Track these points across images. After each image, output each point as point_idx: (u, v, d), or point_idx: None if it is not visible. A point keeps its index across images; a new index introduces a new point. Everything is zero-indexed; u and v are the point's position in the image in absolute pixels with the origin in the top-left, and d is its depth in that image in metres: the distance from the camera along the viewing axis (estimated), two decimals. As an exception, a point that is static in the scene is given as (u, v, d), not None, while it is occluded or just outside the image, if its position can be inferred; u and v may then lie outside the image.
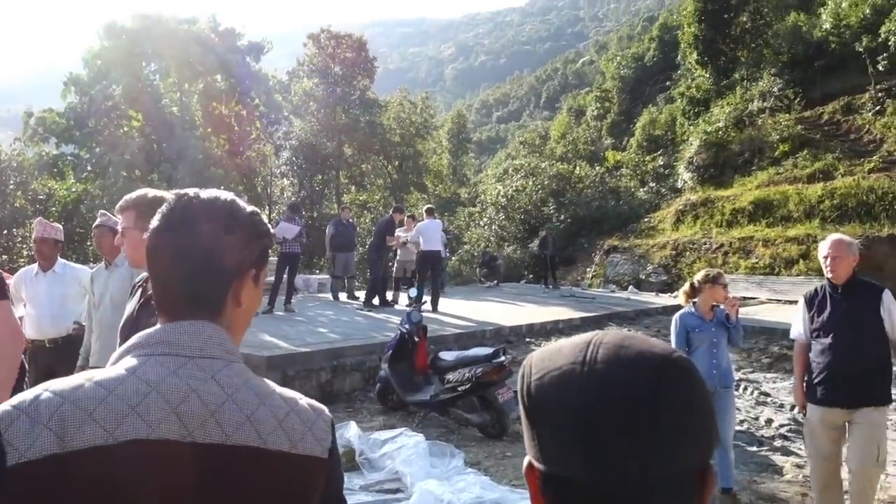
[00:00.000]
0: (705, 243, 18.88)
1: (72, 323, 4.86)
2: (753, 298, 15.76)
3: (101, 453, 0.94)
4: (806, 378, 4.20)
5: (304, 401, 1.14)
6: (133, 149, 20.19)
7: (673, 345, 4.71)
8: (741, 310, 5.13)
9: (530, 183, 26.13)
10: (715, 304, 4.67)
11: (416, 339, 7.01)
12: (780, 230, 17.61)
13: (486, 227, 26.92)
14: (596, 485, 0.68)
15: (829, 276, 4.01)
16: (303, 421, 1.10)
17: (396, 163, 31.80)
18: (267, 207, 27.56)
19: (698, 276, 4.75)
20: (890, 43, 20.54)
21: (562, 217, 23.85)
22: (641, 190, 25.84)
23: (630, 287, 18.56)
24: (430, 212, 12.79)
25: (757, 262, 17.22)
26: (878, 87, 20.83)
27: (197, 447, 0.99)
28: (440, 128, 41.96)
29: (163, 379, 1.02)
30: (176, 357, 1.05)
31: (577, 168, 27.45)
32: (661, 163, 27.30)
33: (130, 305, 2.55)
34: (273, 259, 15.53)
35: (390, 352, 7.01)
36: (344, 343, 8.64)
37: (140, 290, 2.53)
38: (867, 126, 20.32)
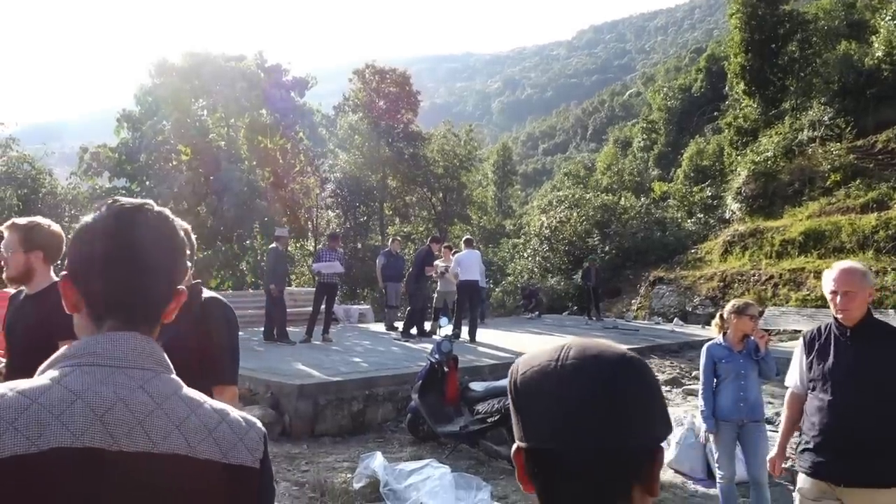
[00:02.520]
0: (754, 275, 18.38)
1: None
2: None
3: (23, 462, 0.93)
4: (798, 439, 3.35)
5: (235, 413, 1.13)
6: (181, 181, 20.72)
7: (700, 375, 4.57)
8: (789, 343, 4.94)
9: (574, 214, 25.90)
10: (746, 335, 4.54)
11: (446, 369, 6.91)
12: (832, 261, 16.91)
13: (529, 259, 26.72)
14: (566, 453, 0.85)
15: (839, 316, 3.12)
16: (234, 431, 1.09)
17: (440, 194, 31.88)
18: (312, 238, 27.87)
19: (727, 308, 4.64)
20: (946, 69, 19.96)
21: (606, 248, 23.56)
22: (689, 221, 25.41)
23: (675, 319, 18.16)
24: (468, 242, 12.83)
25: (808, 295, 16.66)
26: (934, 114, 20.19)
27: (123, 455, 0.98)
28: (485, 160, 42.03)
29: (88, 388, 1.00)
30: (103, 367, 1.04)
31: (623, 199, 27.14)
32: (709, 193, 26.79)
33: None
34: (311, 289, 15.71)
35: (420, 382, 6.92)
36: (377, 373, 8.58)
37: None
38: (924, 154, 19.66)
